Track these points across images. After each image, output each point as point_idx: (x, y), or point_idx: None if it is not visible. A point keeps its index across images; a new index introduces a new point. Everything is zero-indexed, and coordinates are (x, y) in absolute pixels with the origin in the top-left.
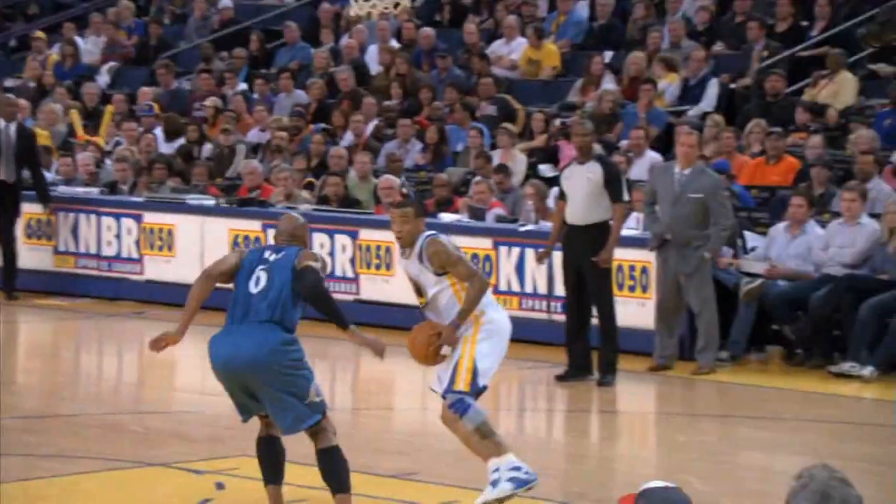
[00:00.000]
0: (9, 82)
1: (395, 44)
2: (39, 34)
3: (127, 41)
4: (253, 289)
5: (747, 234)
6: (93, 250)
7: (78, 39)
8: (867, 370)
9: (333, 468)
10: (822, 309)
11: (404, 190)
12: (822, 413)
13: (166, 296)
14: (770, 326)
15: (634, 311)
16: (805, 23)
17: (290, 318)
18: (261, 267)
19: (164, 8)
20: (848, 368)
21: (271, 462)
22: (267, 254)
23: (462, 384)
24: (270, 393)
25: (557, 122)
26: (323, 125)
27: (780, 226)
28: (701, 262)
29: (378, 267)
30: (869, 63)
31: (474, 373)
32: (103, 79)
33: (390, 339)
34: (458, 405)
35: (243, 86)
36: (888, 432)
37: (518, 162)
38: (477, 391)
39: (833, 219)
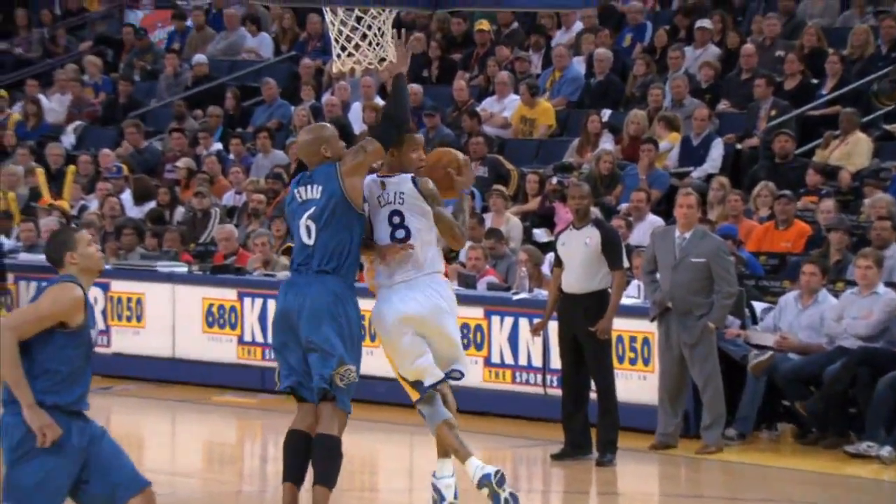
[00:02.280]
0: None
1: (380, 101)
2: (1, 92)
3: (94, 99)
4: (307, 239)
5: (756, 303)
6: None
7: (41, 97)
8: (885, 450)
9: (324, 455)
10: (837, 384)
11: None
12: (837, 496)
13: (135, 369)
14: (781, 402)
15: (635, 386)
16: (815, 80)
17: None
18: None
19: (134, 64)
20: (865, 448)
21: (295, 458)
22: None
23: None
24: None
25: (554, 180)
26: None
27: (791, 295)
28: (704, 332)
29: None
30: (884, 123)
31: None
32: (68, 139)
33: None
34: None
35: (218, 146)
36: None
37: (511, 226)
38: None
39: (847, 288)
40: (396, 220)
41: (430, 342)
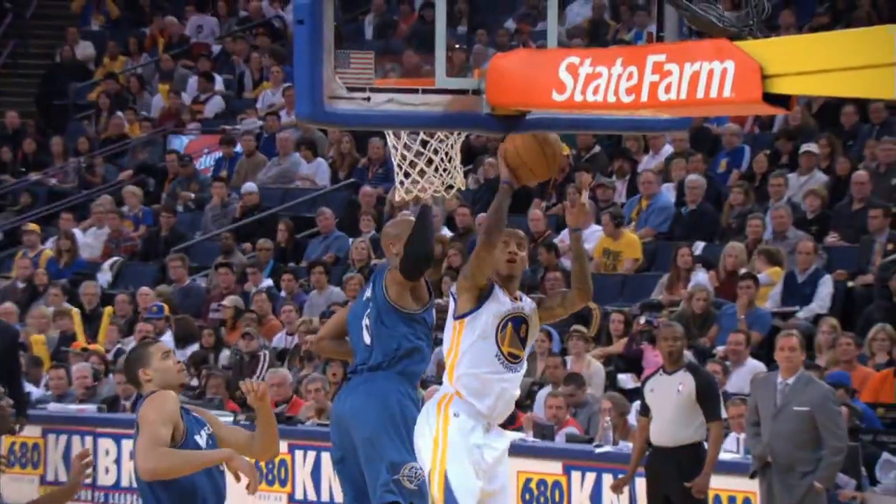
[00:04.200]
0: None
1: (447, 232)
2: (32, 226)
3: (133, 233)
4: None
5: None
6: (87, 479)
7: (76, 232)
8: None
9: None
10: None
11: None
12: None
13: None
14: None
15: None
16: None
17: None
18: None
19: (178, 194)
20: None
21: None
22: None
23: None
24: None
25: (642, 320)
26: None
27: None
28: (810, 492)
29: None
30: None
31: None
32: (104, 277)
33: None
34: None
35: (268, 282)
36: None
37: (593, 371)
38: None
39: None
40: None
41: None
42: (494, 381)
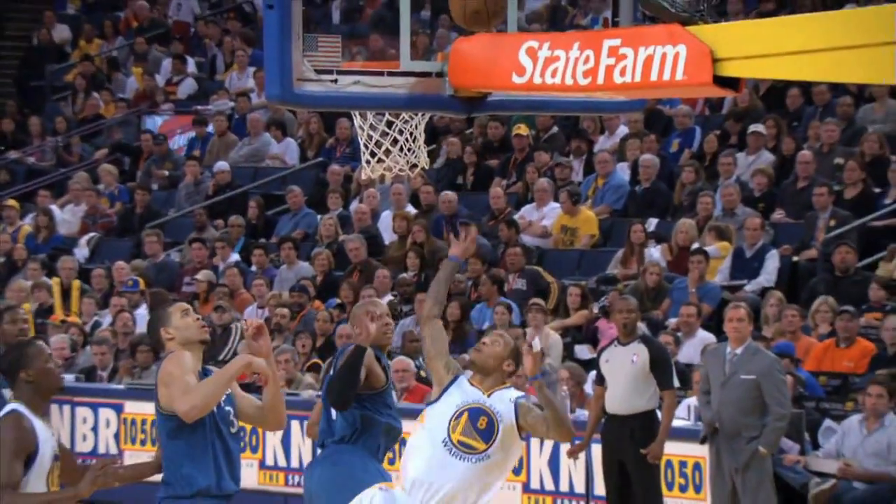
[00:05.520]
0: None
1: (411, 209)
2: (11, 203)
3: (109, 209)
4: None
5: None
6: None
7: (54, 208)
8: None
9: None
10: None
11: (422, 373)
12: None
13: (149, 499)
14: None
15: None
16: (877, 189)
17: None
18: None
19: (152, 172)
20: None
21: None
22: None
23: None
24: None
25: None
26: (337, 301)
27: (855, 418)
28: (755, 457)
29: None
30: None
31: None
32: (82, 252)
33: None
34: None
35: (236, 257)
36: None
37: (552, 342)
38: None
39: None
40: None
41: None
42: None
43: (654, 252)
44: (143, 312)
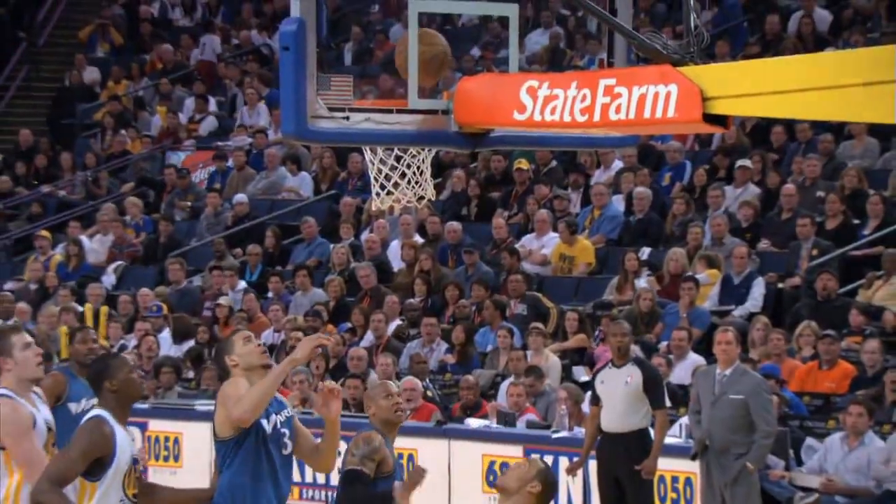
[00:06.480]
0: (9, 284)
1: (418, 239)
2: (43, 233)
3: (134, 239)
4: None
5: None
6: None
7: (83, 238)
8: None
9: None
10: None
11: (429, 393)
12: None
13: None
14: None
15: None
16: (856, 221)
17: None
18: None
19: (175, 204)
20: None
21: None
22: None
23: None
24: None
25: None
26: (349, 324)
27: (837, 436)
28: (743, 472)
29: None
30: None
31: None
32: (109, 279)
33: None
34: None
35: (243, 284)
36: None
37: (551, 364)
38: None
39: (894, 430)
40: None
41: None
42: None
43: (641, 282)
44: (166, 336)
